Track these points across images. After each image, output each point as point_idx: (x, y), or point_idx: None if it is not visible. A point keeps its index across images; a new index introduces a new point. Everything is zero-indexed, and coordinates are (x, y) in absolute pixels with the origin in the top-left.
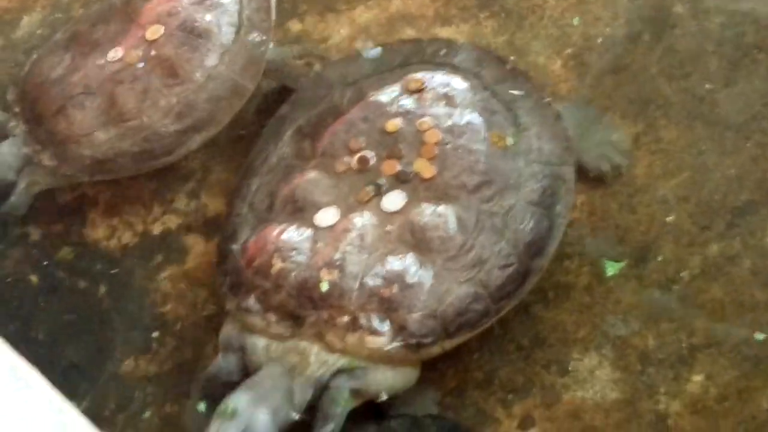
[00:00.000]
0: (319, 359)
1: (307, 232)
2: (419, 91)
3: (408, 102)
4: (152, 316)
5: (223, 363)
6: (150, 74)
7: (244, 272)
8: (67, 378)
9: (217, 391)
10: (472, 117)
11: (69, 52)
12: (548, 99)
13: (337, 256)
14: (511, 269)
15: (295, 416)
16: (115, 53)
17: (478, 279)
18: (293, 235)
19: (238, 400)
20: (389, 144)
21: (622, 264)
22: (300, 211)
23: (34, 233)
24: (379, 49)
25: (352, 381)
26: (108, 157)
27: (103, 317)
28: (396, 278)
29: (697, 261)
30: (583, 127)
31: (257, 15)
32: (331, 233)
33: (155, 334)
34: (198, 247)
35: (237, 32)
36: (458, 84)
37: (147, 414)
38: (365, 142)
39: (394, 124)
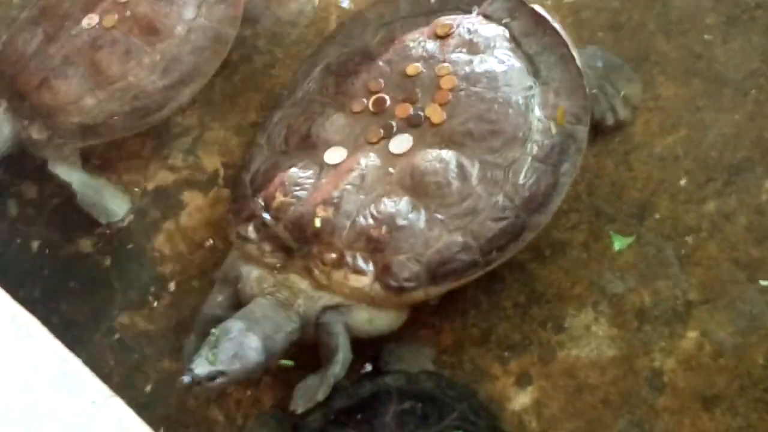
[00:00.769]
0: (306, 294)
1: (314, 168)
2: (446, 36)
3: (432, 46)
4: (150, 274)
5: (217, 295)
6: (129, 35)
7: (249, 201)
8: (65, 334)
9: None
10: (491, 66)
11: (40, 27)
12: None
13: (336, 194)
14: (505, 222)
15: (285, 346)
16: (90, 20)
17: (469, 229)
18: (300, 170)
19: (232, 325)
20: (407, 87)
21: (629, 239)
22: (312, 147)
23: (30, 191)
24: None
25: (340, 316)
26: (100, 121)
27: (101, 275)
28: (387, 219)
29: (693, 218)
30: (601, 74)
31: None
32: (335, 171)
33: (152, 291)
34: (195, 204)
35: None
36: (485, 32)
37: (144, 370)
38: (384, 84)
39: (415, 67)
